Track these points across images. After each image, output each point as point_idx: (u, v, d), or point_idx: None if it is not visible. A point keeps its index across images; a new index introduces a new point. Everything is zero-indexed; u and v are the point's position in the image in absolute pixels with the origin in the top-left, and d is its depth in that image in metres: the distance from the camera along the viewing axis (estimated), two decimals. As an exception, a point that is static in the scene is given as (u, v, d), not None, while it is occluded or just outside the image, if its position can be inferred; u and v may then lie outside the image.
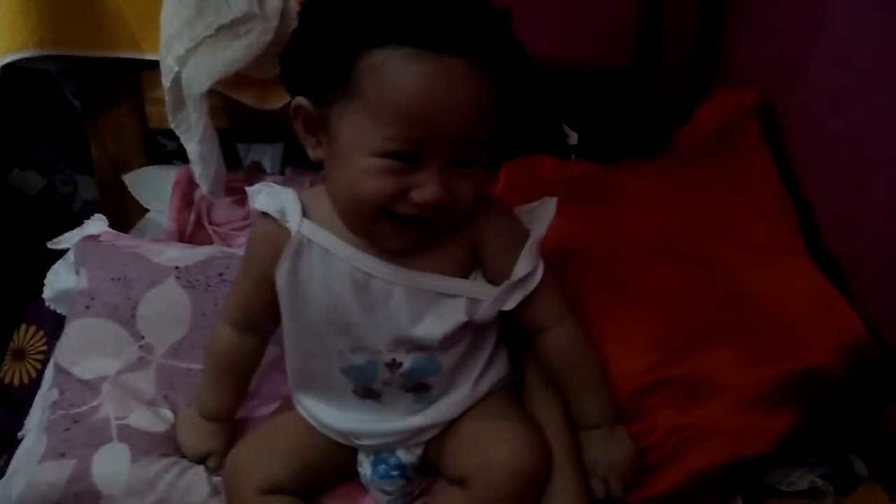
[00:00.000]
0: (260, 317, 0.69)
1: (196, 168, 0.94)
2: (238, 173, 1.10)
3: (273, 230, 0.65)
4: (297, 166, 1.14)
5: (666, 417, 0.66)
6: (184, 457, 0.72)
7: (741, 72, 1.05)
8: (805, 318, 0.70)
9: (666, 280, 0.74)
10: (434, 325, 0.63)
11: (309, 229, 0.64)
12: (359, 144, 0.58)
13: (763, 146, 0.88)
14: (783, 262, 0.75)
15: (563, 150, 1.03)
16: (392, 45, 0.56)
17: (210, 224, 1.04)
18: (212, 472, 0.71)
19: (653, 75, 1.12)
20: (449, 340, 0.64)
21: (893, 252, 0.74)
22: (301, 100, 0.61)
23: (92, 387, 0.76)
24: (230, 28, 0.90)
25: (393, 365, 0.65)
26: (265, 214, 0.65)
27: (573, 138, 1.05)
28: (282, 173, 1.17)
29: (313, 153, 0.63)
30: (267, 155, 1.26)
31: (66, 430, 0.72)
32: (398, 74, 0.56)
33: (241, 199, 1.06)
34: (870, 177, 0.77)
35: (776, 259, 0.76)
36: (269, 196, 0.66)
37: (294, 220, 0.64)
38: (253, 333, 0.71)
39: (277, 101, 0.99)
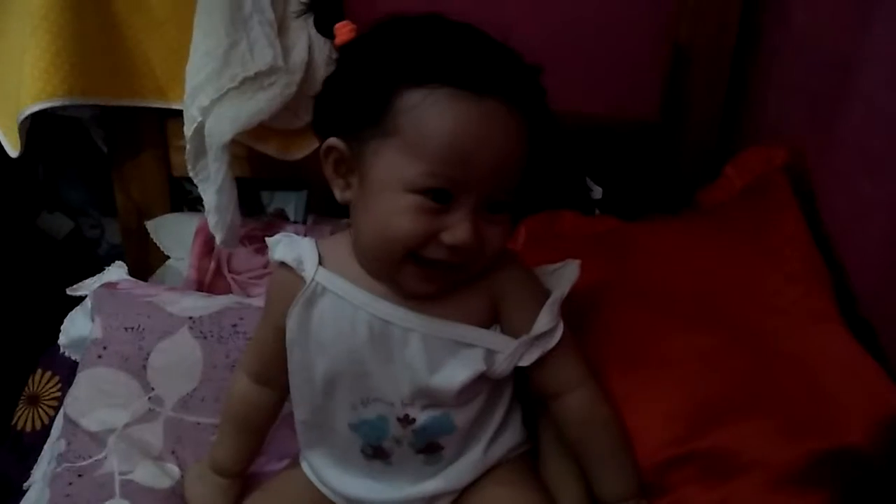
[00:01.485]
0: (276, 369, 0.67)
1: (212, 217, 0.94)
2: (260, 221, 1.10)
3: (289, 279, 0.65)
4: (321, 214, 1.14)
5: (692, 495, 0.62)
6: (189, 514, 0.70)
7: (769, 130, 1.03)
8: (841, 392, 0.66)
9: (692, 345, 0.70)
10: (452, 375, 0.62)
11: (324, 277, 0.63)
12: (393, 180, 0.58)
13: (793, 205, 0.85)
14: (817, 329, 0.72)
15: (586, 205, 1.02)
16: (432, 84, 0.56)
17: (229, 272, 1.04)
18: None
19: (680, 131, 1.10)
20: (464, 395, 0.63)
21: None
22: (333, 140, 0.61)
23: (98, 439, 0.75)
24: (255, 80, 0.91)
25: (406, 421, 0.63)
26: (283, 264, 0.65)
27: (597, 193, 1.04)
28: (304, 221, 1.17)
29: (341, 195, 0.63)
30: (290, 203, 1.27)
31: (70, 483, 0.71)
32: (438, 112, 0.56)
33: (261, 247, 1.06)
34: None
35: (809, 325, 0.72)
36: (287, 246, 0.65)
37: (310, 269, 0.63)
38: (269, 386, 0.70)
39: (300, 151, 0.99)
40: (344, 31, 0.64)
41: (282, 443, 0.76)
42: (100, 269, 0.95)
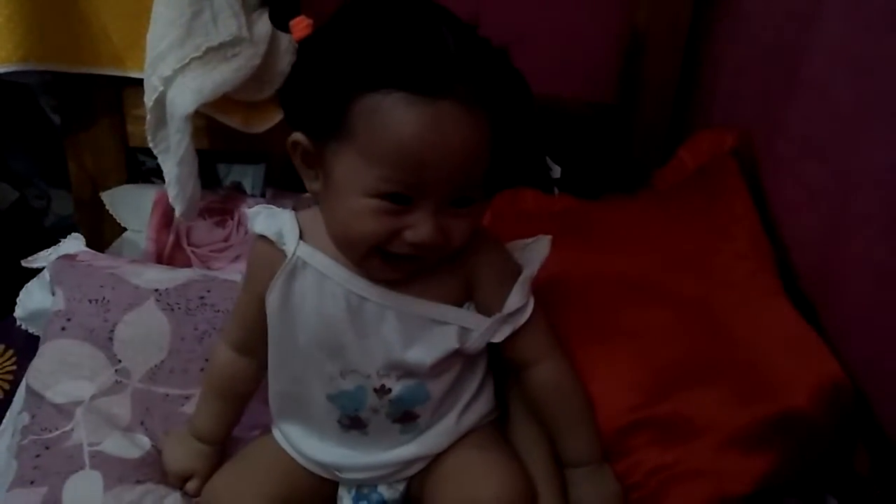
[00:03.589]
0: (257, 339, 0.68)
1: (172, 189, 0.93)
2: (218, 193, 1.09)
3: (270, 252, 0.65)
4: (279, 188, 1.14)
5: (648, 457, 0.66)
6: (160, 483, 0.71)
7: (721, 114, 1.08)
8: (785, 361, 0.71)
9: (649, 318, 0.74)
10: (425, 351, 0.63)
11: (305, 252, 0.64)
12: (352, 185, 0.58)
13: (742, 188, 0.90)
14: (764, 304, 0.77)
15: (546, 184, 1.04)
16: (386, 89, 0.56)
17: (189, 245, 1.03)
18: (189, 499, 0.70)
19: (635, 112, 1.14)
20: (438, 368, 0.64)
21: (867, 297, 0.76)
22: (299, 136, 0.61)
23: (65, 411, 0.74)
24: (218, 50, 0.90)
25: (382, 391, 0.64)
26: (262, 237, 0.65)
27: (556, 172, 1.07)
28: (263, 195, 1.16)
29: (311, 185, 0.63)
30: (248, 176, 1.25)
31: (37, 456, 0.71)
32: (392, 119, 0.55)
33: (221, 220, 1.05)
34: (846, 224, 0.79)
35: (757, 300, 0.77)
36: (267, 218, 0.66)
37: (291, 243, 0.64)
38: (250, 356, 0.70)
39: (263, 124, 0.99)
40: (300, 26, 0.61)
41: (252, 414, 0.76)
42: (47, 241, 0.92)
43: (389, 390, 0.64)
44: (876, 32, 0.74)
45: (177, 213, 0.94)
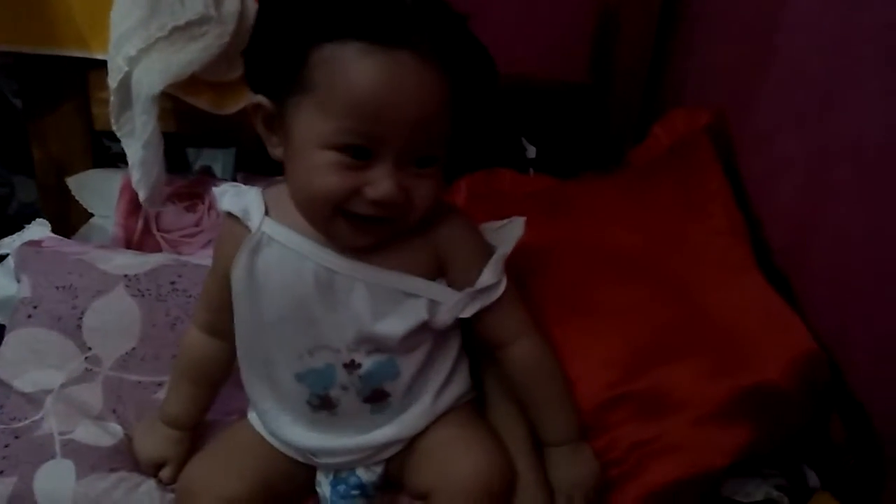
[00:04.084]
0: (226, 319, 0.67)
1: (135, 173, 0.91)
2: (187, 178, 1.07)
3: (236, 230, 0.64)
4: (250, 172, 1.12)
5: (628, 433, 0.67)
6: (133, 471, 0.69)
7: (694, 91, 1.08)
8: (759, 334, 0.71)
9: (625, 295, 0.75)
10: (395, 323, 0.63)
11: (270, 227, 0.63)
12: (311, 138, 0.58)
13: (716, 164, 0.90)
14: (738, 279, 0.77)
15: (521, 164, 1.04)
16: (343, 39, 0.56)
17: (158, 231, 1.01)
18: (164, 486, 0.69)
19: (608, 91, 1.14)
20: (409, 342, 0.64)
21: (841, 270, 0.77)
22: (260, 97, 0.61)
23: (34, 400, 0.72)
24: (185, 30, 0.88)
25: (352, 366, 0.64)
26: (230, 215, 0.64)
27: (531, 152, 1.06)
28: (233, 179, 1.14)
29: (273, 151, 0.63)
30: (218, 160, 1.23)
31: (6, 445, 0.69)
32: (348, 68, 0.56)
33: (191, 205, 1.03)
34: (820, 197, 0.80)
35: (731, 276, 0.78)
36: (234, 196, 0.65)
37: (256, 219, 0.63)
38: (220, 337, 0.69)
39: (233, 105, 0.97)
40: None
41: (228, 399, 0.75)
42: (11, 228, 0.90)
43: (359, 365, 0.64)
44: (847, 7, 0.75)
45: (140, 197, 0.92)
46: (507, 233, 0.67)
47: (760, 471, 0.70)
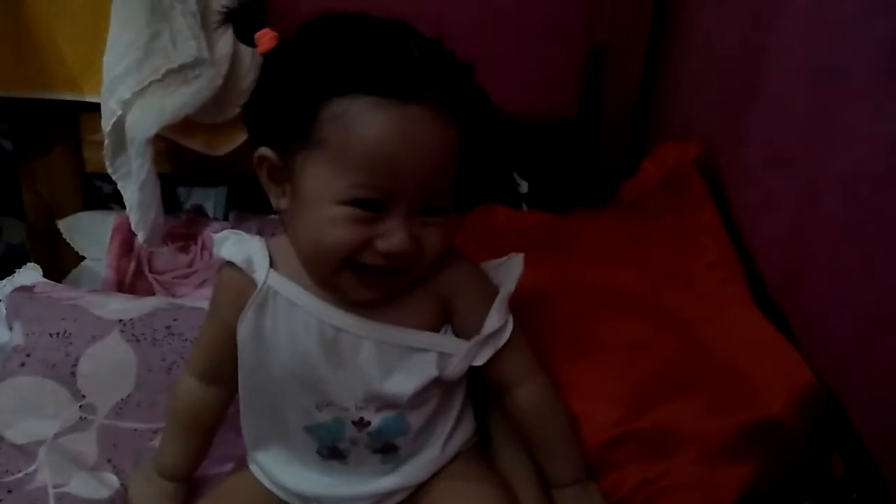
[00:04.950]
0: (224, 368, 0.66)
1: (133, 216, 0.91)
2: (179, 218, 1.06)
3: (238, 280, 0.63)
4: (241, 209, 1.12)
5: (633, 472, 0.66)
6: (130, 525, 0.68)
7: (682, 125, 1.09)
8: (759, 369, 0.72)
9: (625, 332, 0.75)
10: (404, 381, 0.62)
11: (275, 280, 0.62)
12: (322, 193, 0.57)
13: (707, 198, 0.91)
14: (735, 313, 0.77)
15: (514, 200, 1.05)
16: (354, 94, 0.55)
17: (151, 272, 1.00)
18: (161, 541, 0.67)
19: (597, 126, 1.15)
20: (418, 398, 0.63)
21: (835, 302, 0.78)
22: (265, 150, 0.60)
23: (27, 452, 0.71)
24: (178, 73, 0.88)
25: (361, 424, 0.63)
26: (230, 263, 0.63)
27: (524, 187, 1.07)
28: (225, 218, 1.14)
29: (277, 203, 0.62)
30: (209, 199, 1.23)
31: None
32: (361, 122, 0.55)
33: (184, 246, 1.03)
34: (811, 230, 0.81)
35: (728, 310, 0.78)
36: (235, 244, 0.64)
37: (261, 271, 0.62)
38: (217, 386, 0.68)
39: (226, 146, 0.97)
40: (265, 39, 0.61)
41: (225, 446, 0.74)
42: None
43: (368, 423, 0.63)
44: (833, 39, 0.76)
45: (139, 239, 0.92)
46: (507, 271, 0.67)
47: (763, 508, 0.70)
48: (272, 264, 0.63)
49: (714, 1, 1.02)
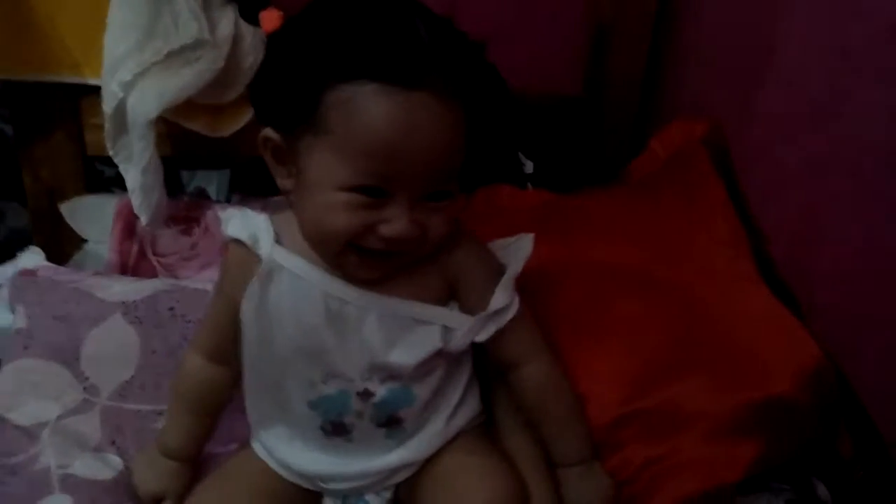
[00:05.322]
0: (230, 346, 0.66)
1: (136, 198, 0.90)
2: (182, 201, 1.06)
3: (244, 256, 0.63)
4: (245, 193, 1.11)
5: (639, 450, 0.66)
6: (136, 505, 0.68)
7: (689, 104, 1.08)
8: (768, 347, 0.71)
9: (633, 310, 0.74)
10: (408, 352, 0.62)
11: (280, 255, 0.62)
12: (326, 179, 0.57)
13: (715, 176, 0.90)
14: (744, 290, 0.77)
15: (519, 179, 1.04)
16: (360, 80, 0.54)
17: (154, 255, 0.99)
18: (166, 522, 0.67)
19: (602, 105, 1.14)
20: (422, 369, 0.63)
21: (844, 281, 0.77)
22: (269, 132, 0.60)
23: (30, 434, 0.71)
24: (180, 54, 0.87)
25: (365, 395, 0.63)
26: (237, 241, 0.63)
27: (529, 167, 1.06)
28: (228, 200, 1.14)
29: (282, 182, 0.62)
30: (213, 181, 1.23)
31: (2, 483, 0.67)
32: (366, 110, 0.54)
33: (187, 228, 1.02)
34: (821, 209, 0.80)
35: (738, 287, 0.77)
36: (241, 221, 0.64)
37: (266, 246, 0.62)
38: (223, 364, 0.68)
39: (229, 127, 0.96)
40: (270, 18, 0.61)
41: (230, 426, 0.74)
42: (1, 255, 0.89)
43: (373, 394, 0.63)
44: (845, 13, 0.75)
45: (142, 222, 0.91)
46: (516, 251, 0.66)
47: (770, 485, 0.69)
48: (277, 240, 0.62)
49: (722, -24, 1.00)
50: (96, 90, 0.90)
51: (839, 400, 0.73)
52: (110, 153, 0.90)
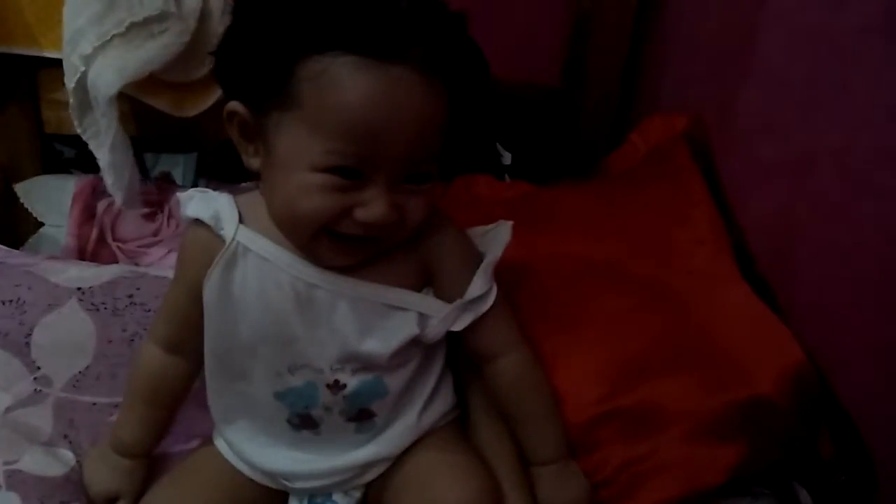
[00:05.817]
0: (190, 336, 0.62)
1: (108, 177, 0.86)
2: (147, 185, 1.01)
3: (206, 238, 0.59)
4: (212, 178, 1.07)
5: (617, 451, 0.64)
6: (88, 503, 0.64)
7: (669, 96, 1.06)
8: (749, 346, 0.69)
9: (612, 305, 0.72)
10: (382, 341, 0.59)
11: (245, 236, 0.58)
12: (297, 158, 0.53)
13: (696, 171, 0.88)
14: (724, 289, 0.75)
15: (497, 170, 1.01)
16: (335, 52, 0.51)
17: (115, 240, 0.95)
18: (119, 521, 0.64)
19: (581, 96, 1.12)
20: (397, 359, 0.60)
21: (826, 278, 0.76)
22: (236, 105, 0.56)
23: (-24, 427, 0.67)
24: (143, 26, 0.83)
25: (336, 387, 0.59)
26: (198, 221, 0.59)
27: (507, 158, 1.04)
28: (194, 185, 1.09)
29: (249, 161, 0.58)
30: (178, 165, 1.18)
31: (-56, 477, 0.63)
32: (341, 84, 0.51)
33: (151, 213, 0.98)
34: (803, 204, 0.78)
35: (717, 285, 0.76)
36: (202, 202, 0.60)
37: (230, 227, 0.58)
38: (182, 356, 0.64)
39: (195, 107, 0.92)
40: None
41: (191, 422, 0.70)
42: (-49, 239, 0.84)
43: (344, 386, 0.59)
44: (831, 7, 0.73)
45: (117, 202, 0.88)
46: (494, 238, 0.64)
47: (751, 489, 0.68)
48: (241, 220, 0.59)
49: (705, -33, 0.99)
50: (55, 63, 0.86)
51: (820, 401, 0.71)
52: (77, 130, 0.86)
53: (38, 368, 0.71)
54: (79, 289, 0.75)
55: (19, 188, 0.96)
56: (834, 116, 0.74)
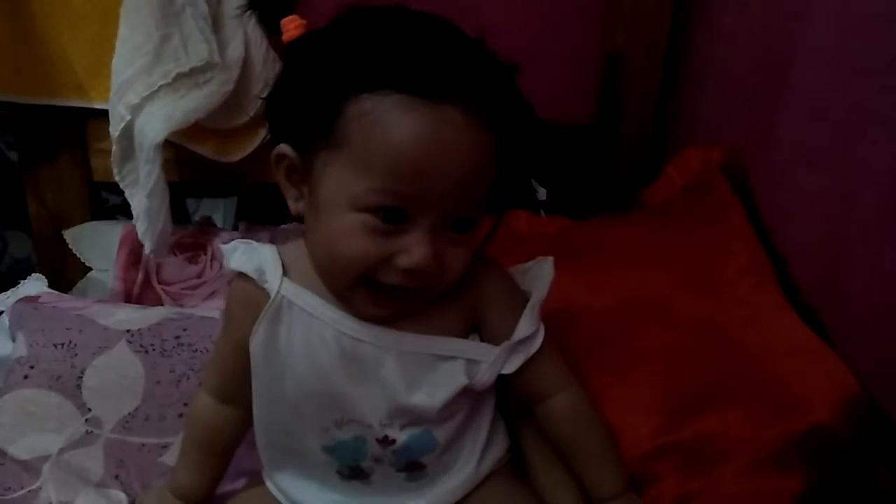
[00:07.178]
0: (240, 386, 0.62)
1: (140, 224, 0.88)
2: (188, 229, 1.03)
3: (250, 292, 0.59)
4: (252, 221, 1.09)
5: (674, 484, 0.63)
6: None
7: (703, 129, 1.07)
8: (802, 375, 0.68)
9: (661, 339, 0.71)
10: (433, 392, 0.58)
11: (289, 290, 0.58)
12: (341, 198, 0.53)
13: (736, 202, 0.88)
14: (773, 318, 0.74)
15: (533, 206, 1.02)
16: (383, 90, 0.51)
17: (160, 283, 0.97)
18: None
19: (615, 133, 1.13)
20: (447, 410, 0.59)
21: (876, 307, 0.74)
22: (284, 147, 0.56)
23: (30, 468, 0.68)
24: (189, 76, 0.86)
25: (385, 442, 0.58)
26: (241, 275, 0.60)
27: (542, 194, 1.04)
28: (235, 228, 1.11)
29: (295, 206, 0.58)
30: (219, 209, 1.21)
31: (0, 519, 0.64)
32: (387, 122, 0.51)
33: (193, 256, 1.00)
34: (847, 232, 0.77)
35: (764, 315, 0.75)
36: (245, 254, 0.60)
37: (274, 281, 0.58)
38: (233, 404, 0.64)
39: (238, 152, 0.94)
40: (291, 26, 0.57)
41: (238, 460, 0.70)
42: (3, 285, 0.86)
43: (394, 441, 0.58)
44: (870, 33, 0.73)
45: (146, 248, 0.89)
46: (537, 275, 0.63)
47: (811, 522, 0.66)
48: (285, 272, 0.59)
49: (736, -1, 1.00)
50: (103, 114, 0.88)
51: (877, 432, 0.69)
52: (116, 178, 0.89)
53: (89, 410, 0.72)
54: (128, 331, 0.77)
55: (68, 234, 0.99)
56: (873, 144, 0.74)
